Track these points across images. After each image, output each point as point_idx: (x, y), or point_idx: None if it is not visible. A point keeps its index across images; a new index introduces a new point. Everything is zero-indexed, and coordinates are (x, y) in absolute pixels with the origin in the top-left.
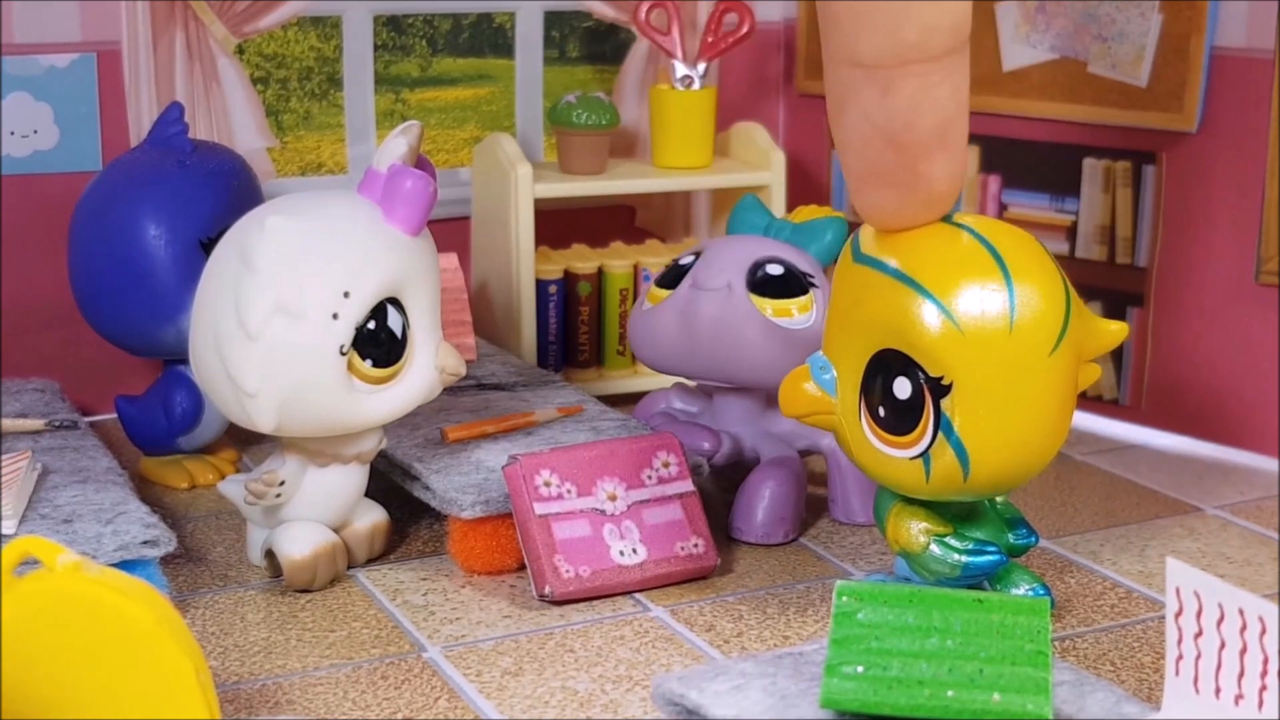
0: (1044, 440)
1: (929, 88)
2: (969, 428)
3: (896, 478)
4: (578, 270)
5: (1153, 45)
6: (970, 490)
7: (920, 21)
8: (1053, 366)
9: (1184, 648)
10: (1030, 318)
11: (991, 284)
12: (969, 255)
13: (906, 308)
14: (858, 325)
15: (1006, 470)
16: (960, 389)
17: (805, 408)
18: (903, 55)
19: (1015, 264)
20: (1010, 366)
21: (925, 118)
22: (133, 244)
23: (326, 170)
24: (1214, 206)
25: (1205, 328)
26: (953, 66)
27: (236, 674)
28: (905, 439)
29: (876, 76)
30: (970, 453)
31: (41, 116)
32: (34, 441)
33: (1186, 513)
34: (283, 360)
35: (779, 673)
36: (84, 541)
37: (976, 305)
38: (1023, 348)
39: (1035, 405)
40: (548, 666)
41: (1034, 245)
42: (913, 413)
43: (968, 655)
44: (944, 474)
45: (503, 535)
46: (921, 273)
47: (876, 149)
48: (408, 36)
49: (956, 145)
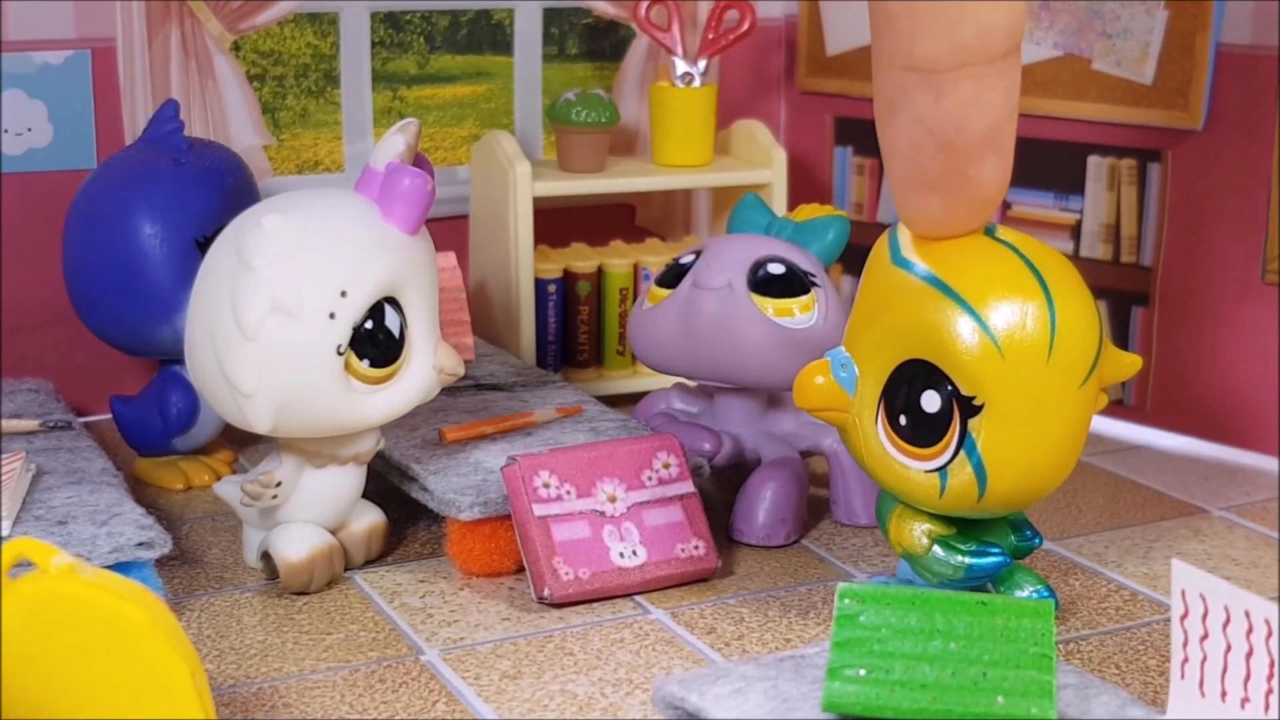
0: (1060, 467)
1: (983, 90)
2: (992, 450)
3: (908, 489)
4: (577, 269)
5: (1158, 42)
6: (981, 509)
7: (978, 22)
8: (1081, 397)
9: (1189, 651)
10: (1069, 345)
11: (1033, 305)
12: (1013, 275)
13: (945, 322)
14: (887, 328)
15: (1020, 494)
16: (991, 410)
17: (819, 402)
18: (960, 57)
19: (1057, 287)
20: (1043, 393)
21: (978, 120)
22: (128, 243)
23: (323, 168)
24: (1220, 205)
25: (1211, 327)
26: (1007, 69)
27: (233, 677)
28: (925, 451)
29: (931, 80)
30: (990, 474)
31: (36, 114)
32: (28, 442)
33: (1192, 514)
34: (279, 360)
35: (780, 676)
36: (78, 543)
37: (1019, 327)
38: (1058, 376)
39: (1059, 433)
40: (547, 669)
41: (1071, 269)
42: (938, 428)
43: (971, 658)
44: (959, 491)
45: (501, 537)
46: (965, 287)
47: (928, 153)
48: (405, 33)
49: (1006, 148)
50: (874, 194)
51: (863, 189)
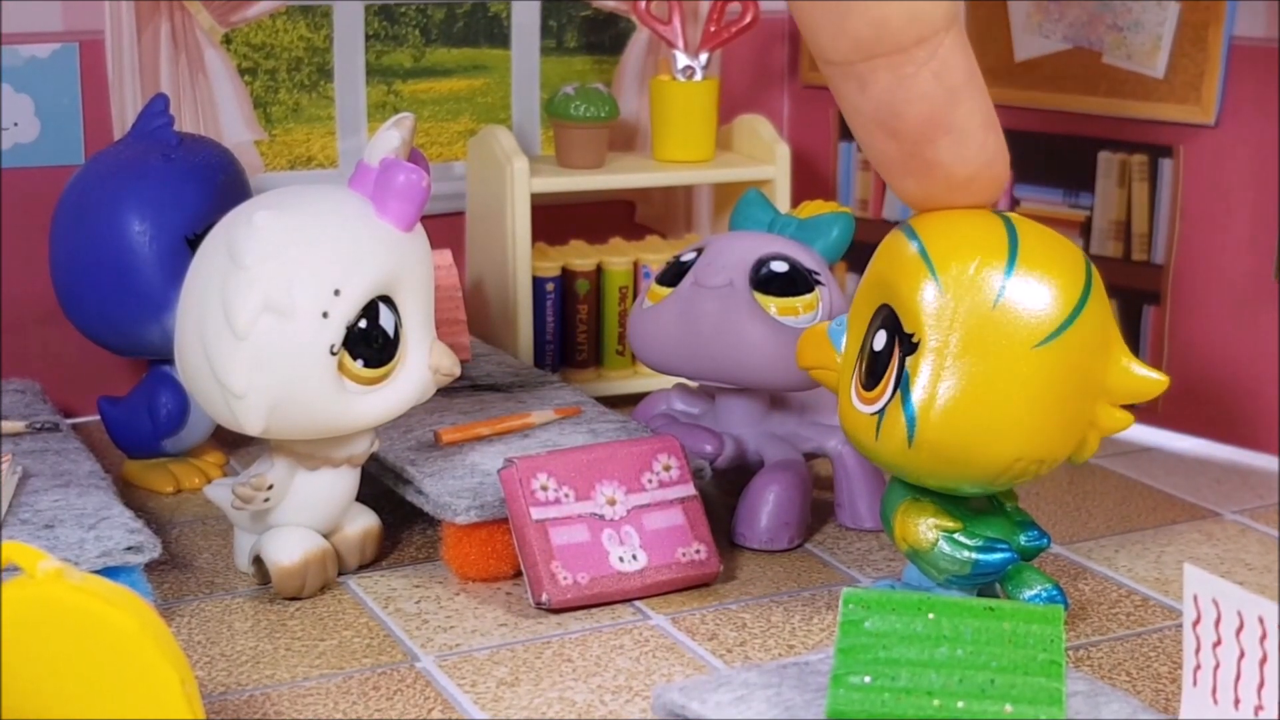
0: (1006, 428)
1: (904, 79)
2: (925, 393)
3: (854, 432)
4: (576, 267)
5: (1170, 35)
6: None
7: (866, 18)
8: (1038, 360)
9: (1202, 657)
10: (1021, 303)
11: (990, 259)
12: (984, 233)
13: (905, 266)
14: (868, 282)
15: (953, 445)
16: (925, 348)
17: (811, 359)
18: (864, 51)
19: (1029, 253)
20: (984, 341)
21: (912, 106)
22: (116, 240)
23: (316, 164)
24: (1233, 201)
25: (1224, 327)
26: (928, 54)
27: (223, 684)
28: (870, 394)
29: (849, 73)
30: (919, 420)
31: (22, 108)
32: (14, 444)
33: (1204, 518)
34: (271, 360)
35: (784, 683)
36: (66, 547)
37: (964, 268)
38: (1004, 328)
39: (1002, 389)
40: (545, 676)
41: (1070, 249)
42: (880, 366)
43: (979, 665)
44: (891, 437)
45: (498, 541)
46: (929, 238)
47: (879, 140)
48: (400, 26)
49: (962, 129)
50: (879, 190)
51: (868, 185)
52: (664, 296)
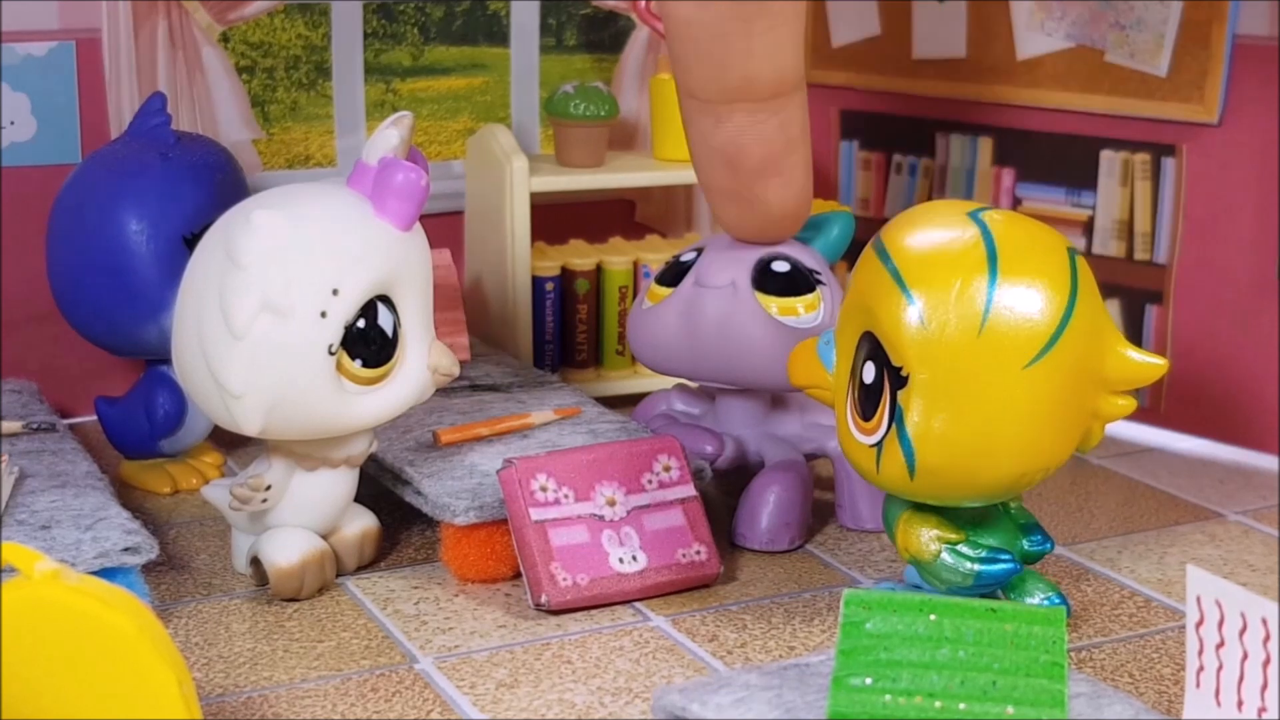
0: (1005, 451)
1: (757, 123)
2: (920, 426)
3: (856, 460)
4: (575, 267)
5: (1173, 33)
6: (917, 489)
7: (742, 72)
8: (1029, 380)
9: (1205, 659)
10: (1007, 324)
11: (971, 281)
12: (960, 249)
13: (879, 290)
14: (850, 302)
15: (955, 474)
16: (917, 382)
17: (804, 380)
18: (729, 96)
19: (1009, 258)
20: (975, 370)
21: (755, 146)
22: (113, 239)
23: (315, 163)
24: (1236, 200)
25: (1227, 326)
26: (781, 105)
27: (221, 686)
28: (867, 425)
29: (708, 108)
30: (917, 450)
31: (18, 107)
32: (10, 445)
33: (1207, 518)
34: (269, 360)
35: (784, 685)
36: (63, 548)
37: (945, 299)
38: (993, 354)
39: (996, 414)
40: (544, 678)
41: (1051, 248)
42: (873, 398)
43: (980, 666)
44: (891, 468)
45: (497, 542)
46: (902, 259)
47: (718, 170)
48: (399, 24)
49: (790, 174)
50: (880, 189)
51: (869, 184)
52: (664, 297)
